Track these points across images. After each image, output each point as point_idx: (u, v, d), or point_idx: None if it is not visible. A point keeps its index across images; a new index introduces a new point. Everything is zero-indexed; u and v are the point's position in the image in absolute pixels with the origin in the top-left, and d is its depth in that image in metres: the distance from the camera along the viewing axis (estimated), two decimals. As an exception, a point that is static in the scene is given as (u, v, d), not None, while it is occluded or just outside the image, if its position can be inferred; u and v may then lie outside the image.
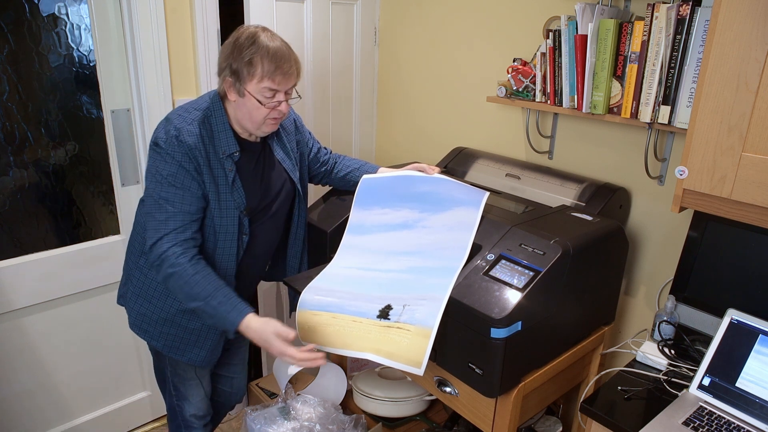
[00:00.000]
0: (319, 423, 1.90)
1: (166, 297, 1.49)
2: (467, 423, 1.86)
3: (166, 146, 1.34)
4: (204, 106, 1.42)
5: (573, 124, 1.84)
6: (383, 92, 2.52)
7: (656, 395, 1.36)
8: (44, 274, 1.89)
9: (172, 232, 1.35)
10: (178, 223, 1.35)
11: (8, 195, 1.84)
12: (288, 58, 1.35)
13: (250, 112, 1.38)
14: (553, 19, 1.77)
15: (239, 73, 1.34)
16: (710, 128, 1.20)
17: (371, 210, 1.62)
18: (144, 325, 1.54)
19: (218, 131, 1.40)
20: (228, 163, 1.41)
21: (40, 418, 2.02)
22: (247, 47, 1.33)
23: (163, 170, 1.35)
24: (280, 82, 1.35)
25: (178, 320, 1.50)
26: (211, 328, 1.52)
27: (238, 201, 1.43)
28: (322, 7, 2.21)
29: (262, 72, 1.33)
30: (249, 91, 1.35)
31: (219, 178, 1.40)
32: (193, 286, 1.33)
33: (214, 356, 1.58)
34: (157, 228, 1.35)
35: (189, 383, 1.65)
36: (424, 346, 1.27)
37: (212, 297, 1.33)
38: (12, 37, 1.73)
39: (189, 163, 1.35)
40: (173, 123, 1.36)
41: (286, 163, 1.58)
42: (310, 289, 1.49)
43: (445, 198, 1.56)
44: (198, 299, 1.34)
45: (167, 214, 1.35)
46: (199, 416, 1.72)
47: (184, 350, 1.53)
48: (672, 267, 1.59)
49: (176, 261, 1.33)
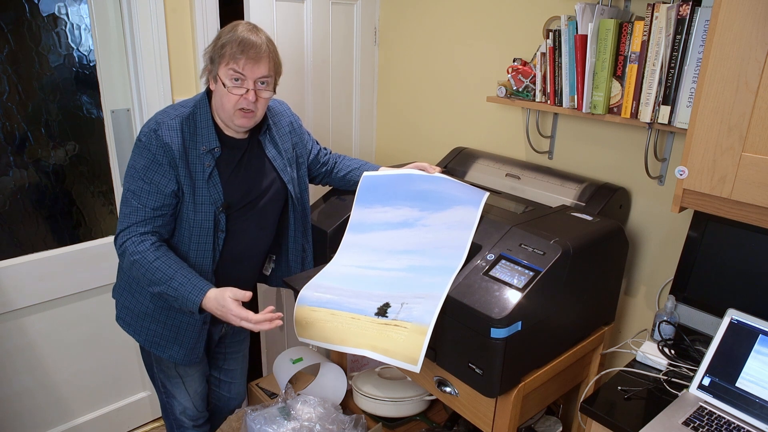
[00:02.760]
0: (319, 423, 1.90)
1: (146, 291, 1.49)
2: (467, 423, 1.86)
3: (145, 139, 1.39)
4: (192, 103, 1.46)
5: (573, 124, 1.84)
6: (383, 92, 2.52)
7: (656, 395, 1.36)
8: (44, 274, 1.89)
9: (133, 225, 1.39)
10: (140, 218, 1.39)
11: (8, 195, 1.84)
12: (257, 47, 1.37)
13: (221, 98, 1.41)
14: (553, 19, 1.77)
15: (213, 59, 1.39)
16: (710, 128, 1.20)
17: (372, 208, 1.62)
18: (128, 318, 1.55)
19: (201, 127, 1.43)
20: (207, 158, 1.43)
21: (40, 418, 2.02)
22: (225, 35, 1.39)
23: (137, 163, 1.40)
24: (244, 66, 1.37)
25: (157, 315, 1.51)
26: (189, 326, 1.52)
27: (214, 196, 1.44)
28: (322, 7, 2.21)
29: (229, 55, 1.36)
30: (219, 76, 1.39)
31: (196, 173, 1.42)
32: (154, 272, 1.36)
33: (194, 355, 1.57)
34: (121, 220, 1.41)
35: (173, 381, 1.65)
36: (420, 343, 1.27)
37: (173, 279, 1.36)
38: (12, 37, 1.73)
39: (163, 157, 1.39)
40: (156, 118, 1.42)
41: (276, 161, 1.57)
42: (310, 286, 1.49)
43: (445, 197, 1.56)
44: (160, 284, 1.37)
45: (131, 208, 1.40)
46: (190, 416, 1.71)
47: (165, 347, 1.54)
48: (672, 267, 1.59)
49: (136, 249, 1.37)
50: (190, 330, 1.53)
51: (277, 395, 2.14)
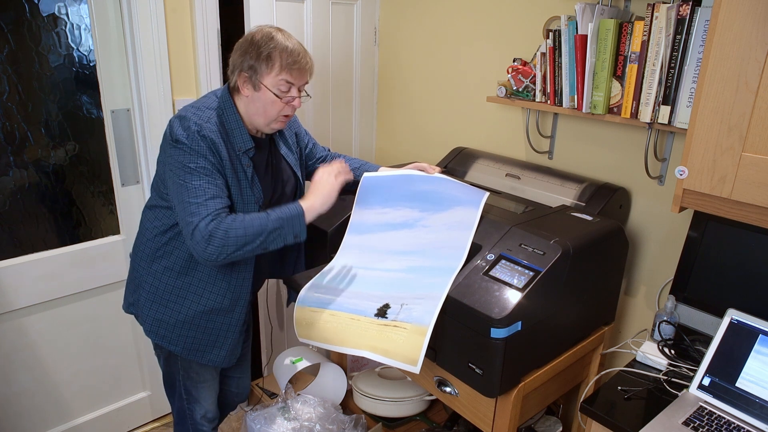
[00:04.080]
0: (319, 423, 1.90)
1: (183, 299, 1.48)
2: (467, 423, 1.86)
3: (189, 142, 1.34)
4: (214, 105, 1.43)
5: (573, 124, 1.84)
6: (383, 92, 2.52)
7: (656, 395, 1.36)
8: (44, 274, 1.89)
9: (214, 211, 1.34)
10: (218, 204, 1.35)
11: (8, 195, 1.84)
12: (304, 54, 1.42)
13: (264, 106, 1.41)
14: (553, 19, 1.77)
15: (256, 68, 1.38)
16: (710, 128, 1.20)
17: (372, 209, 1.63)
18: (161, 330, 1.52)
19: (232, 128, 1.43)
20: (245, 159, 1.44)
21: (40, 418, 2.02)
22: (264, 43, 1.38)
23: (191, 163, 1.35)
24: (296, 75, 1.40)
25: (197, 322, 1.50)
26: (230, 327, 1.53)
27: (257, 195, 1.47)
28: (322, 7, 2.21)
29: (280, 65, 1.37)
30: (265, 85, 1.39)
31: (239, 173, 1.43)
32: (248, 225, 1.34)
33: (233, 355, 1.59)
34: (196, 212, 1.33)
35: (201, 386, 1.64)
36: (420, 343, 1.27)
37: (268, 217, 1.36)
38: (12, 37, 1.73)
39: (213, 156, 1.37)
40: (192, 120, 1.37)
41: (289, 157, 1.61)
42: (310, 286, 1.49)
43: (445, 197, 1.56)
44: (262, 230, 1.35)
45: (205, 197, 1.35)
46: (209, 418, 1.71)
47: (204, 351, 1.54)
48: (672, 267, 1.59)
49: (222, 223, 1.33)
50: (232, 331, 1.54)
51: (277, 395, 2.14)
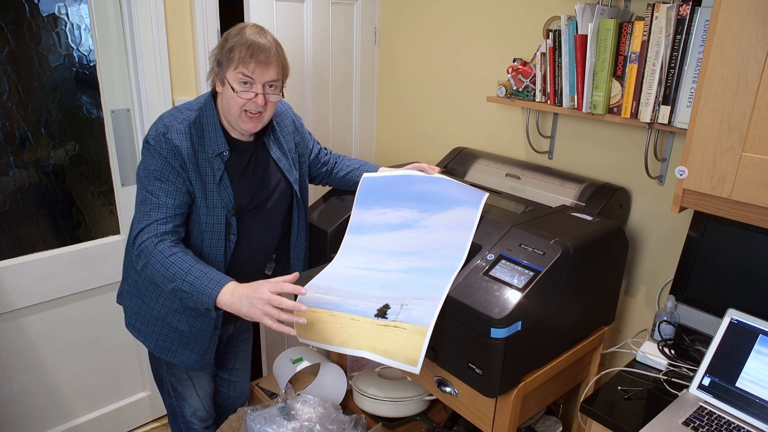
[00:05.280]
0: (319, 423, 1.90)
1: (158, 296, 1.49)
2: (467, 423, 1.86)
3: (154, 143, 1.38)
4: (197, 106, 1.45)
5: (573, 124, 1.84)
6: (383, 92, 2.52)
7: (656, 395, 1.36)
8: (44, 274, 1.89)
9: (154, 223, 1.36)
10: (161, 215, 1.37)
11: (8, 195, 1.84)
12: (266, 50, 1.36)
13: (228, 101, 1.40)
14: (553, 19, 1.77)
15: (222, 62, 1.38)
16: (710, 128, 1.20)
17: (372, 210, 1.63)
18: (138, 324, 1.54)
19: (209, 130, 1.43)
20: (217, 161, 1.42)
21: (40, 418, 2.02)
22: (232, 37, 1.37)
23: (150, 165, 1.38)
24: (254, 70, 1.36)
25: (168, 320, 1.50)
26: (200, 330, 1.51)
27: (225, 200, 1.44)
28: (322, 7, 2.21)
29: (238, 58, 1.35)
30: (227, 79, 1.38)
31: (207, 177, 1.42)
32: (168, 267, 1.31)
33: (205, 360, 1.57)
34: (140, 219, 1.38)
35: (186, 383, 1.65)
36: (420, 344, 1.27)
37: (188, 273, 1.29)
38: (12, 37, 1.73)
39: (174, 160, 1.38)
40: (163, 121, 1.40)
41: (282, 162, 1.58)
42: (310, 287, 1.49)
43: (445, 198, 1.56)
44: (175, 279, 1.30)
45: (150, 206, 1.37)
46: (200, 417, 1.71)
47: (175, 352, 1.53)
48: (672, 267, 1.59)
49: (155, 248, 1.33)
50: (201, 335, 1.53)
51: (277, 395, 2.14)
